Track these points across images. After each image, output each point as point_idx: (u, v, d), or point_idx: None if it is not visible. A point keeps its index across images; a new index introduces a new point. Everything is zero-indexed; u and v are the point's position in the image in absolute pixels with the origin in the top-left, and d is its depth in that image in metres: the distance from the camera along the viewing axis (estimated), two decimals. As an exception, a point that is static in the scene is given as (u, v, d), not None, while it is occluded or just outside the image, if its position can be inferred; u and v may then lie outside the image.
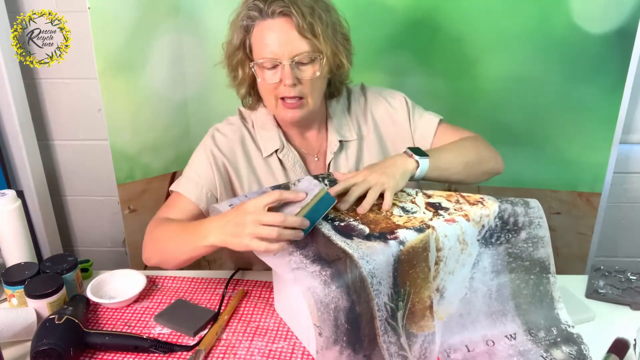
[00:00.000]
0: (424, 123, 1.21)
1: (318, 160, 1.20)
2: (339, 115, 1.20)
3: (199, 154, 1.17)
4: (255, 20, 1.04)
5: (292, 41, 1.02)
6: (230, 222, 0.92)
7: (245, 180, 1.17)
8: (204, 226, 0.96)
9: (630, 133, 1.62)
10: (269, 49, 1.03)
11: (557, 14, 1.43)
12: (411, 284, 0.89)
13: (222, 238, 0.92)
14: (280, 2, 1.01)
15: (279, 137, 1.17)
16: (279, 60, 1.03)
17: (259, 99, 1.17)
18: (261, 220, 0.88)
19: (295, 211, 0.91)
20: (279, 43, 1.03)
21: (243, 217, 0.89)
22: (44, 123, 1.70)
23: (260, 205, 0.90)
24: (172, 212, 1.13)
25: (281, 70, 1.04)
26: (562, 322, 0.99)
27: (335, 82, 1.16)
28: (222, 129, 1.19)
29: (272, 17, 1.02)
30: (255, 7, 1.03)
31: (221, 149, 1.16)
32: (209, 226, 0.95)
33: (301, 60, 1.04)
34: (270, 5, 1.01)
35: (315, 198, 0.92)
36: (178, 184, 1.16)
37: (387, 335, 0.86)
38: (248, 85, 1.14)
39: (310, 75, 1.05)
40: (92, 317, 1.09)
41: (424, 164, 1.05)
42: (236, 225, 0.90)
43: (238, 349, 0.99)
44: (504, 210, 0.96)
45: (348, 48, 1.12)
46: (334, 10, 1.08)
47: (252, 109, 1.19)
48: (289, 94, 1.06)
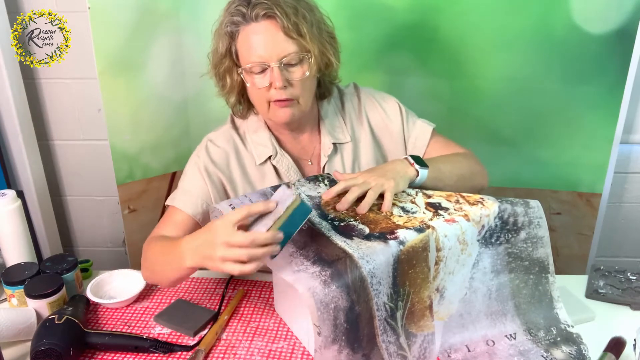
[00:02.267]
0: (417, 131, 1.21)
1: (312, 164, 1.19)
2: (332, 117, 1.19)
3: (193, 168, 1.15)
4: (239, 25, 1.03)
5: (279, 43, 1.01)
6: (201, 244, 0.90)
7: (240, 190, 1.15)
8: (180, 248, 0.94)
9: (631, 133, 1.62)
10: (255, 52, 1.02)
11: (557, 14, 1.43)
12: (411, 284, 0.89)
13: (198, 261, 0.91)
14: (263, 5, 1.00)
15: (272, 142, 1.15)
16: (267, 64, 1.02)
17: (250, 107, 1.16)
18: (229, 241, 0.85)
19: (269, 224, 0.86)
20: (265, 46, 1.02)
21: (213, 238, 0.87)
22: (44, 123, 1.70)
23: (229, 224, 0.86)
24: (166, 229, 1.11)
25: (270, 74, 1.03)
26: (562, 322, 0.99)
27: (325, 82, 1.15)
28: (215, 140, 1.16)
29: (257, 21, 1.01)
30: (238, 12, 1.02)
31: (215, 161, 1.14)
32: (184, 248, 0.94)
33: (289, 61, 1.03)
34: (253, 9, 1.00)
35: (289, 209, 0.87)
36: (173, 198, 1.14)
37: (386, 334, 0.86)
38: (237, 93, 1.12)
39: (299, 75, 1.04)
40: (92, 317, 1.10)
41: (423, 174, 1.05)
42: (207, 246, 0.88)
43: (238, 349, 0.99)
44: (503, 210, 0.96)
45: (335, 46, 1.11)
46: (317, 9, 1.07)
47: (244, 117, 1.18)
48: (280, 97, 1.04)
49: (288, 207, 0.86)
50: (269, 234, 0.85)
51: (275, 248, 0.86)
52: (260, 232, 0.86)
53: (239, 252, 0.84)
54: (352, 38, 1.51)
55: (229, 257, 0.85)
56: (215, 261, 0.87)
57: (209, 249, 0.87)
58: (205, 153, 1.15)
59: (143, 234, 1.14)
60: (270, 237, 0.85)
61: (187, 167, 1.17)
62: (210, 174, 1.13)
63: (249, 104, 1.15)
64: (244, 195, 1.02)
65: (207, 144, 1.17)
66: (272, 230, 0.85)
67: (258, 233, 0.85)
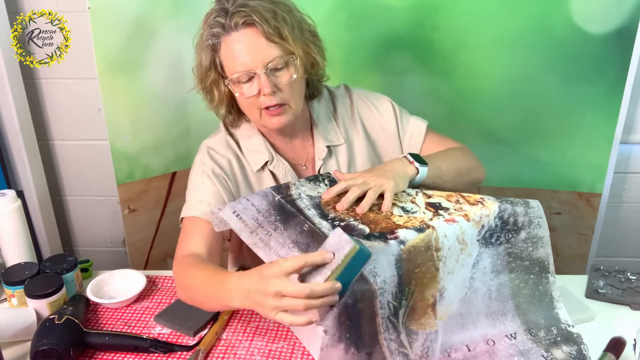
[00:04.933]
0: (412, 128, 1.20)
1: (307, 168, 1.18)
2: (324, 120, 1.18)
3: (200, 176, 1.12)
4: (220, 37, 1.03)
5: (262, 49, 1.01)
6: (253, 290, 0.84)
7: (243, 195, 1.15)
8: (227, 287, 0.90)
9: (631, 133, 1.62)
10: (240, 61, 1.02)
11: (557, 14, 1.43)
12: (417, 283, 0.89)
13: (247, 305, 0.87)
14: (241, 13, 0.99)
15: (267, 148, 1.14)
16: (253, 71, 1.02)
17: (240, 116, 1.15)
18: (283, 292, 0.80)
19: (326, 274, 0.80)
20: (249, 54, 1.01)
21: (265, 287, 0.81)
22: (44, 123, 1.70)
23: (281, 274, 0.81)
24: (192, 242, 1.06)
25: (257, 81, 1.02)
26: (562, 322, 0.99)
27: (313, 82, 1.14)
28: (215, 148, 1.15)
29: (237, 30, 1.00)
30: (217, 24, 1.02)
31: (221, 166, 1.13)
32: (233, 287, 0.89)
33: (275, 66, 1.02)
34: (232, 19, 1.00)
35: (346, 258, 0.80)
36: (189, 209, 1.10)
37: (387, 332, 0.86)
38: (227, 104, 1.12)
39: (287, 79, 1.03)
40: (92, 317, 1.10)
41: (423, 172, 1.05)
42: (259, 294, 0.83)
43: (238, 349, 0.99)
44: (503, 210, 0.96)
45: (319, 44, 1.10)
46: (296, 10, 1.07)
47: (236, 126, 1.17)
48: (270, 103, 1.03)
49: (346, 255, 0.80)
50: (327, 285, 0.79)
51: (334, 298, 0.80)
52: (318, 282, 0.80)
53: (295, 303, 0.79)
54: (352, 38, 1.51)
55: (283, 306, 0.80)
56: (268, 310, 0.82)
57: (261, 297, 0.82)
58: (210, 159, 1.13)
59: (143, 234, 1.14)
60: (328, 288, 0.79)
61: (193, 176, 1.14)
62: (218, 178, 1.11)
63: (239, 113, 1.14)
64: (246, 199, 1.01)
65: (208, 151, 1.15)
66: (330, 281, 0.80)
67: (315, 284, 0.79)
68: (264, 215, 0.97)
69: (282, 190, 1.02)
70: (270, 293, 0.81)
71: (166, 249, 1.70)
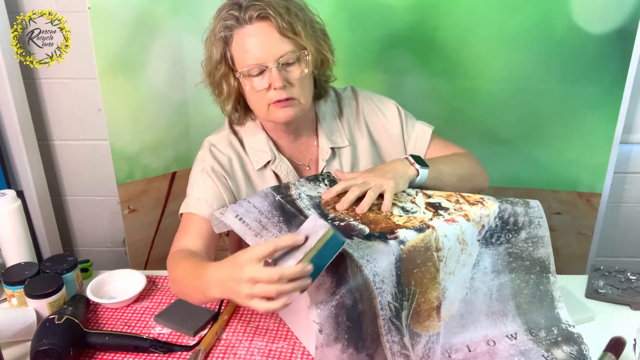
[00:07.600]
0: (417, 133, 1.20)
1: (310, 169, 1.18)
2: (329, 120, 1.19)
3: (201, 173, 1.13)
4: (233, 29, 1.03)
5: (275, 43, 1.01)
6: (227, 279, 0.85)
7: (244, 195, 1.14)
8: (207, 277, 0.91)
9: (631, 133, 1.62)
10: (252, 55, 1.02)
11: (557, 14, 1.43)
12: (417, 283, 0.89)
13: (224, 294, 0.88)
14: (256, 7, 1.00)
15: (270, 147, 1.15)
16: (265, 65, 1.02)
17: (247, 114, 1.15)
18: (256, 278, 0.80)
19: (299, 257, 0.81)
20: (262, 47, 1.01)
21: (239, 274, 0.82)
22: (44, 123, 1.70)
23: (254, 260, 0.82)
24: (187, 238, 1.09)
25: (268, 75, 1.02)
26: (563, 322, 0.99)
27: (320, 82, 1.15)
28: (218, 145, 1.15)
29: (250, 23, 1.01)
30: (231, 16, 1.02)
31: (222, 164, 1.13)
32: (210, 278, 0.90)
33: (287, 60, 1.03)
34: (246, 12, 1.00)
35: (320, 241, 0.80)
36: (187, 205, 1.12)
37: (390, 334, 0.86)
38: (234, 100, 1.12)
39: (298, 74, 1.04)
40: (92, 317, 1.10)
41: (424, 174, 1.05)
42: (233, 281, 0.84)
43: (238, 349, 0.99)
44: (504, 210, 0.96)
45: (329, 42, 1.11)
46: (307, 8, 1.08)
47: (241, 124, 1.17)
48: (280, 97, 1.03)
49: (319, 239, 0.81)
50: (297, 268, 0.79)
51: (305, 282, 0.80)
52: (289, 265, 0.80)
53: (267, 288, 0.80)
54: (352, 38, 1.51)
55: (256, 293, 0.81)
56: (242, 298, 0.83)
57: (235, 285, 0.83)
58: (211, 156, 1.14)
59: (143, 234, 1.14)
60: (299, 270, 0.79)
61: (194, 173, 1.15)
62: (218, 175, 1.12)
63: (246, 110, 1.15)
64: (247, 201, 1.02)
65: (210, 148, 1.15)
66: (301, 263, 0.80)
67: (285, 267, 0.80)
68: (267, 217, 0.97)
69: (282, 190, 1.02)
70: (243, 279, 0.81)
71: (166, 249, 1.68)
